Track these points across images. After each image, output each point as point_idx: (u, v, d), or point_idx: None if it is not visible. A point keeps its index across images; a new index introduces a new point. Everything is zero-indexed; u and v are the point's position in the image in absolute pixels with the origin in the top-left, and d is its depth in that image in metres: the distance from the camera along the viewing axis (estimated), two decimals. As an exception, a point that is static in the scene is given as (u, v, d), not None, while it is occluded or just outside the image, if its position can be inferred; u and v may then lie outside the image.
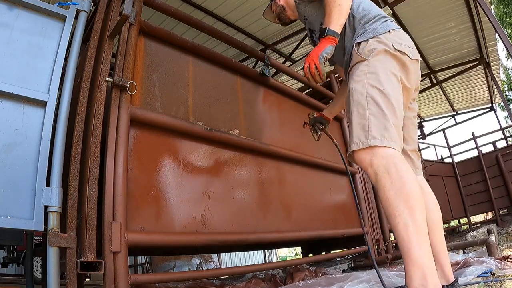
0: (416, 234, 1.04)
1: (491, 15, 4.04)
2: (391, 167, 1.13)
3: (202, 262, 6.30)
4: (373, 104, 1.23)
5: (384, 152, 1.17)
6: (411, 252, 1.03)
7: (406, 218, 1.05)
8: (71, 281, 1.20)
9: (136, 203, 1.45)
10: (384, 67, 1.29)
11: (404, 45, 1.33)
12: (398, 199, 1.08)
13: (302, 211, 2.27)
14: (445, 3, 5.25)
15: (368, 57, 1.31)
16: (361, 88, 1.28)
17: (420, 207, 1.08)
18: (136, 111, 1.51)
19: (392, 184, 1.11)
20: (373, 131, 1.20)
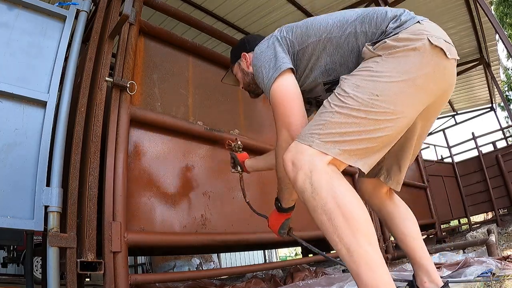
0: (364, 259, 0.86)
1: (491, 15, 4.04)
2: (322, 186, 0.90)
3: (202, 262, 6.30)
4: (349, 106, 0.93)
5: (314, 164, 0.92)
6: (362, 279, 0.86)
7: (348, 244, 0.87)
8: (71, 281, 1.20)
9: (136, 203, 1.45)
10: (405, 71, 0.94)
11: (442, 39, 0.97)
12: (334, 224, 0.88)
13: (302, 211, 2.26)
14: (445, 3, 5.26)
15: (383, 52, 0.97)
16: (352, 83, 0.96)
17: (364, 226, 0.88)
18: (136, 111, 1.51)
19: (324, 207, 0.90)
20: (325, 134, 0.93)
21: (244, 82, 1.42)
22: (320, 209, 0.91)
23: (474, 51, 6.82)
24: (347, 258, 0.88)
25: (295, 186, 0.96)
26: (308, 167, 0.92)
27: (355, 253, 0.87)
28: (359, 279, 0.87)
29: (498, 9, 11.87)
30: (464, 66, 7.08)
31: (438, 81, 0.99)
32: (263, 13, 5.15)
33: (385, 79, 0.94)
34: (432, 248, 2.75)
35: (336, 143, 0.93)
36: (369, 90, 0.94)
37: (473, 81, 8.06)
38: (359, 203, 0.91)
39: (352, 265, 0.87)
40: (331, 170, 0.93)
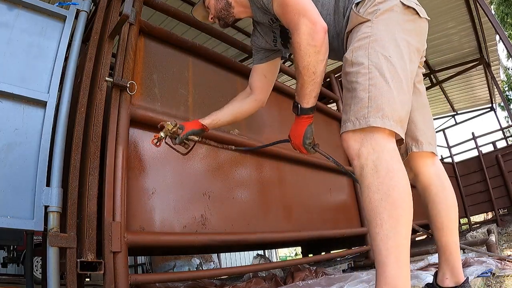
0: (396, 250, 0.87)
1: (491, 15, 4.04)
2: (382, 164, 0.93)
3: (202, 262, 6.30)
4: (376, 74, 0.99)
5: (378, 141, 0.96)
6: (385, 270, 0.88)
7: (388, 230, 0.88)
8: (71, 281, 1.20)
9: (136, 203, 1.45)
10: (392, 29, 1.05)
11: (412, 1, 1.12)
12: (383, 205, 0.90)
13: (302, 211, 2.27)
14: (445, 3, 5.25)
15: (371, 17, 1.07)
16: (363, 54, 1.03)
17: (407, 219, 0.91)
18: (136, 111, 1.51)
19: (379, 186, 0.92)
20: (374, 108, 0.97)
21: (216, 9, 1.39)
22: (375, 187, 0.93)
23: (474, 51, 6.82)
24: (381, 244, 0.89)
25: (358, 161, 0.99)
26: (371, 145, 0.97)
27: (390, 241, 0.88)
28: (383, 268, 0.88)
29: (499, 9, 11.87)
30: (464, 66, 7.08)
31: (418, 37, 1.11)
32: (263, 13, 5.13)
33: (386, 40, 1.03)
34: (432, 248, 2.75)
35: (386, 116, 0.97)
36: (382, 53, 1.01)
37: (473, 81, 8.06)
38: (410, 194, 0.93)
39: (382, 252, 0.89)
40: (393, 149, 0.97)
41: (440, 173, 1.28)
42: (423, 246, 3.85)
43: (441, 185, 1.26)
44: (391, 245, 0.88)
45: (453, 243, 1.22)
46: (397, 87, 0.99)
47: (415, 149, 1.27)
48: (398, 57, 1.02)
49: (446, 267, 1.22)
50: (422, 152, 1.27)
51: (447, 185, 1.27)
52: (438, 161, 1.31)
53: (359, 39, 1.07)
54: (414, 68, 1.08)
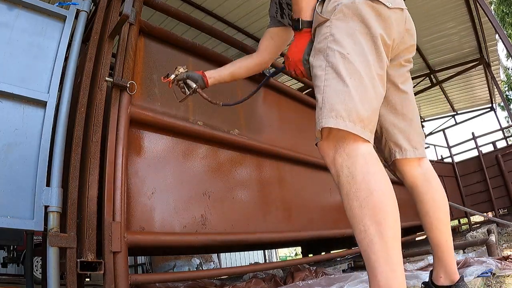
0: (384, 253, 0.85)
1: (491, 15, 4.04)
2: (357, 169, 0.91)
3: (202, 262, 6.30)
4: (331, 73, 0.96)
5: (350, 146, 0.93)
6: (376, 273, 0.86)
7: (373, 235, 0.86)
8: (71, 281, 1.20)
9: (136, 203, 1.45)
10: (350, 25, 1.01)
11: None
12: (363, 212, 0.88)
13: (302, 211, 2.27)
14: (445, 3, 5.25)
15: (330, 16, 1.03)
16: (321, 56, 1.01)
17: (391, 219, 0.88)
18: (136, 111, 1.51)
19: (357, 193, 0.89)
20: (327, 108, 0.94)
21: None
22: (352, 194, 0.90)
23: (474, 51, 6.82)
24: (368, 249, 0.88)
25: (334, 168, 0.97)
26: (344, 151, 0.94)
27: (376, 245, 0.86)
28: (374, 273, 0.87)
29: (499, 8, 11.88)
30: (464, 66, 7.08)
31: (387, 30, 1.04)
32: (263, 13, 5.15)
33: (344, 37, 0.99)
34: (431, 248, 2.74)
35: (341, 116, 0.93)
36: (339, 51, 0.97)
37: (473, 81, 8.06)
38: (391, 195, 0.91)
39: (371, 257, 0.87)
40: (367, 153, 0.93)
41: (427, 173, 1.25)
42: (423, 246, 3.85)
43: (428, 185, 1.23)
44: (378, 249, 0.86)
45: (444, 241, 1.20)
46: (355, 84, 0.94)
47: (399, 156, 1.23)
48: (357, 53, 0.97)
49: (440, 265, 1.22)
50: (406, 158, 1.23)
51: (434, 184, 1.24)
52: (426, 162, 1.27)
53: (319, 41, 1.05)
54: (382, 63, 1.02)
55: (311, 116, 2.58)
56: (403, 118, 1.23)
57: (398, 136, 1.23)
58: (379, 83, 1.00)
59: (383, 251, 0.85)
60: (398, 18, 1.08)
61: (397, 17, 1.08)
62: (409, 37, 1.16)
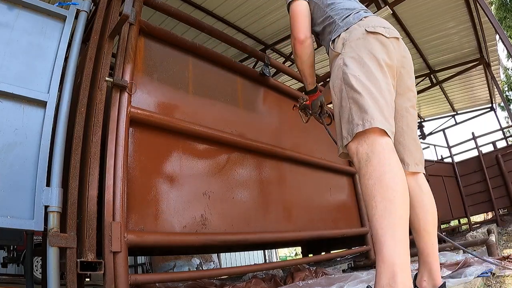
0: (391, 229, 0.94)
1: (491, 15, 4.04)
2: (374, 154, 1.06)
3: (202, 262, 6.30)
4: (351, 92, 1.18)
5: (370, 138, 1.10)
6: (382, 248, 0.94)
7: (382, 210, 0.97)
8: (71, 281, 1.20)
9: (136, 203, 1.45)
10: (357, 53, 1.24)
11: (378, 26, 1.29)
12: (376, 189, 1.00)
13: (302, 211, 2.27)
14: (445, 3, 5.25)
15: (341, 50, 1.29)
16: (339, 81, 1.25)
17: (401, 200, 0.98)
18: (136, 111, 1.51)
19: (372, 173, 1.03)
20: (356, 119, 1.14)
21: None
22: (369, 175, 1.04)
23: (474, 51, 6.82)
24: (377, 224, 0.97)
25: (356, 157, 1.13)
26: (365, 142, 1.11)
27: (386, 221, 0.96)
28: (380, 247, 0.96)
29: (498, 14, 11.91)
30: (464, 66, 7.09)
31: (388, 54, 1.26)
32: (263, 13, 5.15)
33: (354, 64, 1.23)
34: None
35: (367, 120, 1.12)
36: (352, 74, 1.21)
37: (473, 81, 8.06)
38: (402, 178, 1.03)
39: (379, 231, 0.96)
40: (385, 142, 1.10)
41: (419, 180, 1.37)
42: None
43: (419, 190, 1.33)
44: (386, 224, 0.95)
45: (430, 245, 1.27)
46: (368, 95, 1.15)
47: None
48: (367, 74, 1.19)
49: (424, 269, 1.26)
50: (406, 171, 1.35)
51: (424, 190, 1.35)
52: (421, 175, 1.39)
53: (334, 71, 1.30)
54: (388, 79, 1.23)
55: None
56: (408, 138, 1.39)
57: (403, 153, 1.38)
58: (387, 95, 1.19)
59: (390, 227, 0.95)
60: (395, 46, 1.31)
61: (394, 45, 1.31)
62: (406, 62, 1.38)
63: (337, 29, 1.37)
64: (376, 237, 0.97)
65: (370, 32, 1.26)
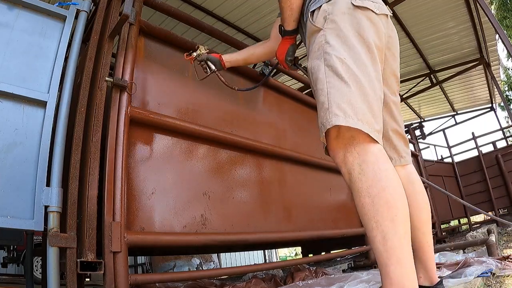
0: (396, 250, 0.87)
1: (491, 15, 4.04)
2: (368, 166, 0.93)
3: (202, 262, 6.30)
4: (332, 76, 1.01)
5: (359, 146, 0.96)
6: (389, 271, 0.87)
7: (385, 232, 0.88)
8: (71, 281, 1.20)
9: (136, 203, 1.45)
10: (344, 31, 1.06)
11: (366, 0, 1.11)
12: (375, 209, 0.90)
13: (302, 211, 2.26)
14: (445, 3, 5.25)
15: (323, 25, 1.10)
16: (318, 61, 1.07)
17: (403, 217, 0.90)
18: (136, 111, 1.51)
19: (368, 189, 0.91)
20: (334, 107, 0.97)
21: None
22: (365, 191, 0.93)
23: (474, 51, 6.82)
24: (380, 246, 0.89)
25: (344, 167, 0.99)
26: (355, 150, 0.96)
27: (389, 242, 0.88)
28: (386, 270, 0.89)
29: (498, 14, 11.92)
30: (464, 66, 7.09)
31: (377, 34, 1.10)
32: (263, 13, 5.15)
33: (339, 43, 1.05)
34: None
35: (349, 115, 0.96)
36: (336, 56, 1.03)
37: (473, 81, 8.06)
38: (402, 192, 0.93)
39: (383, 254, 0.89)
40: (378, 150, 0.96)
41: (410, 176, 1.30)
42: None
43: (412, 188, 1.27)
44: (390, 246, 0.88)
45: (425, 243, 1.24)
46: (357, 86, 0.99)
47: None
48: (354, 59, 1.03)
49: (420, 266, 1.25)
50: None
51: (418, 187, 1.28)
52: (410, 166, 1.32)
53: (315, 49, 1.11)
54: (377, 66, 1.08)
55: (311, 116, 2.60)
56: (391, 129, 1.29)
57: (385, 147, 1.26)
58: (377, 85, 1.04)
59: (395, 249, 0.87)
60: (384, 23, 1.15)
61: (384, 22, 1.15)
62: (392, 42, 1.24)
63: (317, 0, 1.17)
64: (380, 260, 0.90)
65: (358, 7, 1.09)
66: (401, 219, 0.90)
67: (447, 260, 2.23)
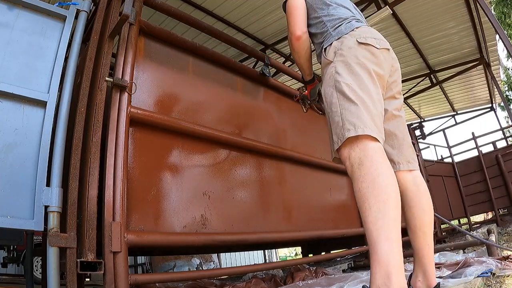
0: (385, 230, 0.97)
1: (491, 15, 4.04)
2: (367, 158, 1.09)
3: (202, 262, 6.30)
4: (343, 100, 1.23)
5: (362, 143, 1.13)
6: (377, 248, 0.96)
7: (376, 212, 0.99)
8: (71, 281, 1.20)
9: (136, 203, 1.45)
10: (349, 61, 1.29)
11: (369, 37, 1.34)
12: (369, 191, 1.03)
13: (302, 211, 2.26)
14: (445, 3, 5.25)
15: (333, 58, 1.34)
16: (331, 89, 1.29)
17: (393, 202, 1.01)
18: (136, 111, 1.51)
19: (365, 176, 1.06)
20: (346, 124, 1.18)
21: None
22: (362, 178, 1.07)
23: (474, 51, 6.82)
24: (371, 226, 1.00)
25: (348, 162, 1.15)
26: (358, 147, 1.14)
27: (380, 222, 0.98)
28: (374, 248, 0.98)
29: (497, 8, 11.88)
30: (464, 66, 7.08)
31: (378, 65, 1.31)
32: (263, 13, 5.15)
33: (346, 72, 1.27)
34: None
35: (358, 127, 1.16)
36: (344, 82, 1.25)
37: (473, 81, 8.06)
38: (394, 181, 1.06)
39: (373, 232, 0.99)
40: (377, 147, 1.13)
41: (416, 180, 1.39)
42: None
43: (417, 190, 1.35)
44: (380, 225, 0.97)
45: (426, 245, 1.27)
46: (362, 105, 1.19)
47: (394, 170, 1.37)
48: (358, 83, 1.24)
49: (419, 269, 1.27)
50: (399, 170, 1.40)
51: (422, 190, 1.36)
52: (417, 172, 1.41)
53: (326, 79, 1.34)
54: (378, 89, 1.28)
55: (311, 116, 2.59)
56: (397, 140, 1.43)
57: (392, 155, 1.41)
58: (378, 104, 1.24)
59: (384, 229, 0.97)
60: (386, 56, 1.36)
61: (385, 56, 1.36)
62: (395, 72, 1.43)
63: (329, 37, 1.42)
64: (370, 238, 0.99)
65: (361, 43, 1.31)
66: (392, 204, 1.01)
67: (447, 260, 2.23)
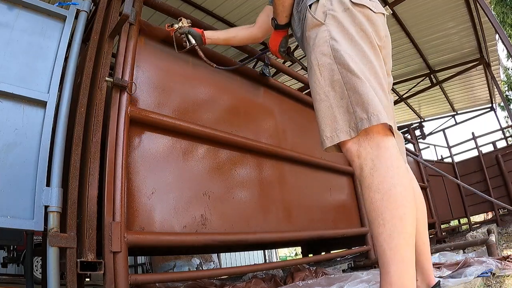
0: (401, 250, 0.85)
1: (491, 15, 4.04)
2: (381, 162, 0.92)
3: (202, 262, 6.30)
4: (347, 76, 1.01)
5: (374, 140, 0.95)
6: (390, 269, 0.86)
7: (391, 230, 0.87)
8: (71, 281, 1.20)
9: (136, 203, 1.45)
10: (346, 26, 1.07)
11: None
12: (384, 205, 0.88)
13: (302, 211, 2.26)
14: (445, 3, 5.25)
15: (324, 20, 1.10)
16: (327, 59, 1.05)
17: (411, 218, 0.88)
18: (136, 111, 1.51)
19: (379, 185, 0.90)
20: (358, 111, 0.96)
21: None
22: (375, 187, 0.91)
23: (474, 51, 6.83)
24: (385, 244, 0.87)
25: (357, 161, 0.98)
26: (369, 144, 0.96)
27: (395, 241, 0.86)
28: (387, 269, 0.87)
29: (496, 8, 11.89)
30: (464, 66, 7.09)
31: (375, 32, 1.11)
32: (263, 13, 5.14)
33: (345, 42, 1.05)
34: (432, 248, 2.75)
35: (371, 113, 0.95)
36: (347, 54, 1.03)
37: (473, 81, 8.06)
38: (411, 191, 0.92)
39: (387, 252, 0.87)
40: (391, 146, 0.95)
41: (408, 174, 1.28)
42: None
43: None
44: (395, 245, 0.86)
45: (422, 244, 1.22)
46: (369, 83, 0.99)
47: None
48: (360, 56, 1.04)
49: (417, 268, 1.22)
50: None
51: (414, 186, 1.26)
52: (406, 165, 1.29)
53: (318, 44, 1.09)
54: (381, 62, 1.10)
55: (311, 116, 2.59)
56: None
57: None
58: (382, 79, 1.05)
59: (399, 248, 0.86)
60: (382, 22, 1.17)
61: (382, 21, 1.16)
62: (388, 42, 1.23)
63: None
64: (382, 257, 0.88)
65: (356, 4, 1.10)
66: (409, 218, 0.88)
67: (447, 260, 2.23)
